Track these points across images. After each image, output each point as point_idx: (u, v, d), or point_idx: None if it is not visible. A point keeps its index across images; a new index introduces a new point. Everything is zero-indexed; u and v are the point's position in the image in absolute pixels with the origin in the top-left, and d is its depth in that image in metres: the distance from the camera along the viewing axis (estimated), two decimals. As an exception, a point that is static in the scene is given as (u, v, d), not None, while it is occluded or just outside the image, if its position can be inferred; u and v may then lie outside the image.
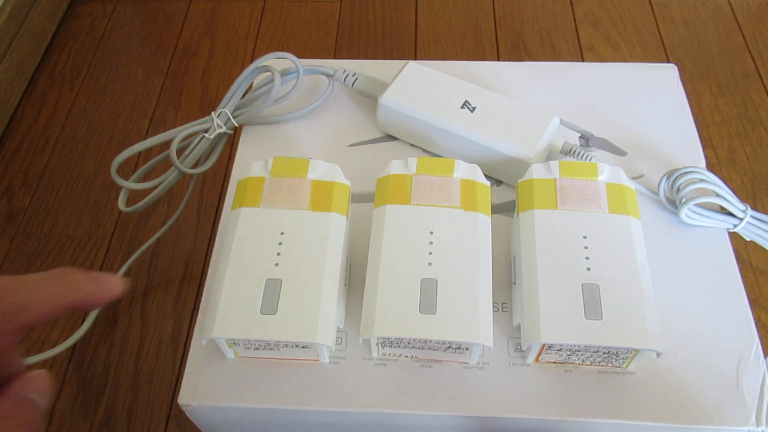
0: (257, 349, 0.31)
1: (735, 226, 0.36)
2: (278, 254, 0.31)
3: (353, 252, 0.36)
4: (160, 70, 0.84)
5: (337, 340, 0.33)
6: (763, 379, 0.31)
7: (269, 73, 0.42)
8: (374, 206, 0.33)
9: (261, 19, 0.90)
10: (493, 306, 0.34)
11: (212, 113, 0.42)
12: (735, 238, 0.63)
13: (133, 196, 0.67)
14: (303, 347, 0.30)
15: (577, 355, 0.30)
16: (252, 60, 0.85)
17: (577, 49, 0.84)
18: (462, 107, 0.39)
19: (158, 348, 0.59)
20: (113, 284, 0.25)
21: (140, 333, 0.60)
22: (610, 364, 0.31)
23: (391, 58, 0.85)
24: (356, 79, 0.43)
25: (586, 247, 0.31)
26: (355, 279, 0.35)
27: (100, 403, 0.56)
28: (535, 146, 0.37)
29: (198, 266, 0.65)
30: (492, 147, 0.38)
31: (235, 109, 0.43)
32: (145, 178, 0.45)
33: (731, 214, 0.36)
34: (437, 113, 0.39)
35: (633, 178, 0.39)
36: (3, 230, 0.68)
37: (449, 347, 0.30)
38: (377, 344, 0.31)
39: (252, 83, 0.44)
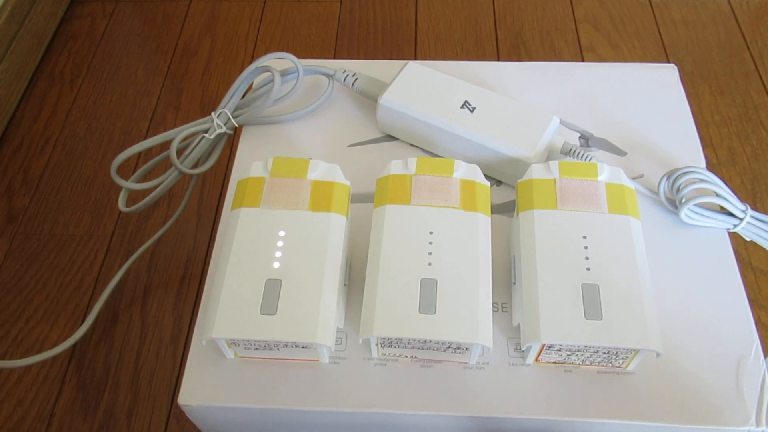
0: (257, 349, 0.31)
1: (735, 226, 0.36)
2: (278, 255, 0.31)
3: (353, 252, 0.36)
4: (160, 70, 0.84)
5: (336, 341, 0.33)
6: (763, 379, 0.31)
7: (269, 74, 0.42)
8: (374, 206, 0.33)
9: (261, 19, 0.90)
10: (493, 306, 0.34)
11: (212, 113, 0.42)
12: (735, 238, 0.63)
13: (133, 196, 0.67)
14: (303, 347, 0.30)
15: (577, 355, 0.30)
16: (252, 60, 0.85)
17: (577, 49, 0.84)
18: (462, 107, 0.39)
19: (158, 348, 0.59)
20: None
21: (140, 333, 0.60)
22: (610, 364, 0.31)
23: (391, 58, 0.84)
24: (356, 79, 0.43)
25: (585, 248, 0.31)
26: (355, 279, 0.35)
27: (100, 403, 0.56)
28: (535, 146, 0.37)
29: (198, 266, 0.65)
30: (492, 147, 0.38)
31: (235, 110, 0.43)
32: (145, 178, 0.45)
33: (731, 214, 0.36)
34: (437, 113, 0.39)
35: (633, 178, 0.39)
36: (3, 230, 0.68)
37: (449, 347, 0.30)
38: (377, 344, 0.31)
39: (252, 83, 0.44)
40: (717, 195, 0.36)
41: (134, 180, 0.45)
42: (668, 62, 0.82)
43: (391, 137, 0.42)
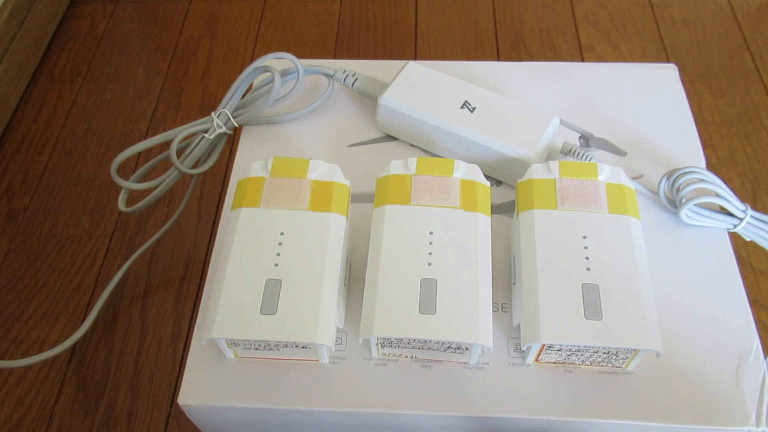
0: (257, 349, 0.31)
1: (735, 226, 0.36)
2: (278, 254, 0.31)
3: (353, 252, 0.36)
4: (160, 70, 0.84)
5: (336, 341, 0.33)
6: (763, 379, 0.31)
7: (269, 74, 0.42)
8: (374, 206, 0.33)
9: (261, 19, 0.90)
10: (493, 306, 0.34)
11: (212, 113, 0.42)
12: (735, 238, 0.63)
13: (133, 197, 0.67)
14: (303, 347, 0.30)
15: (577, 355, 0.30)
16: (252, 60, 0.85)
17: (577, 49, 0.84)
18: (462, 107, 0.39)
19: (158, 348, 0.59)
20: None
21: (140, 333, 0.60)
22: (610, 364, 0.31)
23: (391, 58, 0.84)
24: (356, 79, 0.43)
25: (585, 247, 0.31)
26: (355, 279, 0.35)
27: (100, 403, 0.56)
28: (535, 146, 0.37)
29: (198, 266, 0.64)
30: (492, 147, 0.38)
31: (235, 110, 0.43)
32: (145, 178, 0.45)
33: (731, 214, 0.36)
34: (437, 113, 0.39)
35: (633, 178, 0.39)
36: (3, 230, 0.68)
37: (449, 347, 0.30)
38: (377, 344, 0.31)
39: (252, 83, 0.44)
40: (717, 195, 0.36)
41: (134, 180, 0.45)
42: (668, 62, 0.82)
43: (391, 137, 0.42)
